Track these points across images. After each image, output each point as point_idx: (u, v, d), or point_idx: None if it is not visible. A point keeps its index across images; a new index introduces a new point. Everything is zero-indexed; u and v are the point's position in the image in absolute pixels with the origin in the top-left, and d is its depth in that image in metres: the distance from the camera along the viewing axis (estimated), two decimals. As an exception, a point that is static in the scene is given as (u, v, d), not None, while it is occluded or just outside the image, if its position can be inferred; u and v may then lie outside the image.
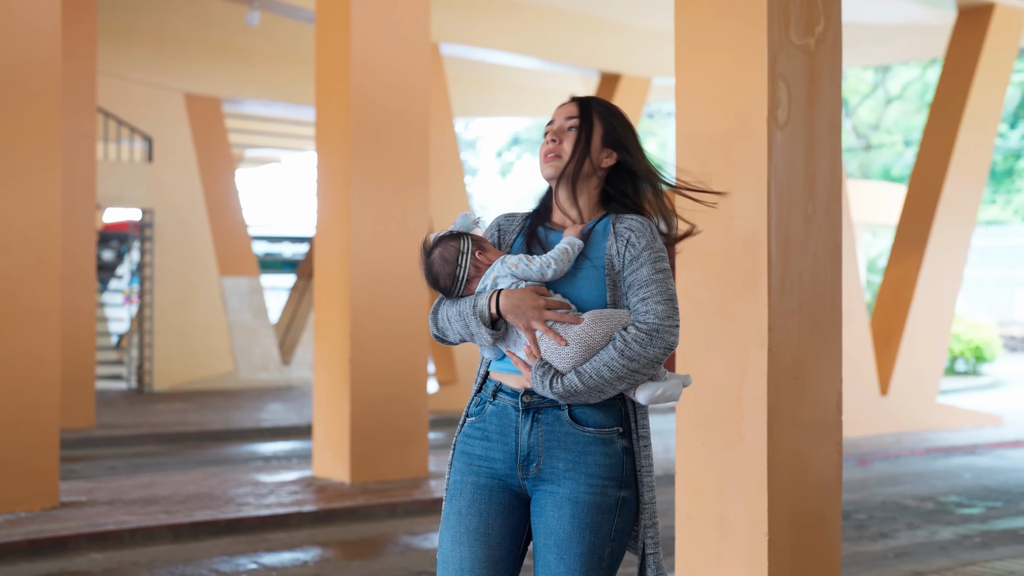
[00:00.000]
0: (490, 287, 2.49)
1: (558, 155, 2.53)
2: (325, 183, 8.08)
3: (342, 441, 7.77)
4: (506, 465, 2.49)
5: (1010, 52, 11.56)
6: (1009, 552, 6.11)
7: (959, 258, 11.53)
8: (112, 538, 6.23)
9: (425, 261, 2.56)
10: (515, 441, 2.48)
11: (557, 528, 2.43)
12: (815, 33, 3.60)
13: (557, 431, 2.45)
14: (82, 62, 10.84)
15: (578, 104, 2.57)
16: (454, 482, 2.54)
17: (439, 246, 2.54)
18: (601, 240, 2.51)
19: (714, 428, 3.64)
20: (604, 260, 2.48)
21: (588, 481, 2.44)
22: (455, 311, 2.51)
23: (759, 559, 3.54)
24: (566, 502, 2.43)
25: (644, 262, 2.45)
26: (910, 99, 30.89)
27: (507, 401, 2.50)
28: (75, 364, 10.35)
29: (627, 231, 2.48)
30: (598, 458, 2.45)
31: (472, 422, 2.55)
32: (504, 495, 2.50)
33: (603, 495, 2.44)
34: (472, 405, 2.58)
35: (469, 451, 2.54)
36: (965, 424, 11.70)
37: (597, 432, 2.46)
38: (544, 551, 2.44)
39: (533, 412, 2.47)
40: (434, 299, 12.09)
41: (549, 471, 2.45)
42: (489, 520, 2.48)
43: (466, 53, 13.67)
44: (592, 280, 2.47)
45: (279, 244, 19.51)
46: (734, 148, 3.57)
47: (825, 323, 3.68)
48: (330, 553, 6.22)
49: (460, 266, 2.51)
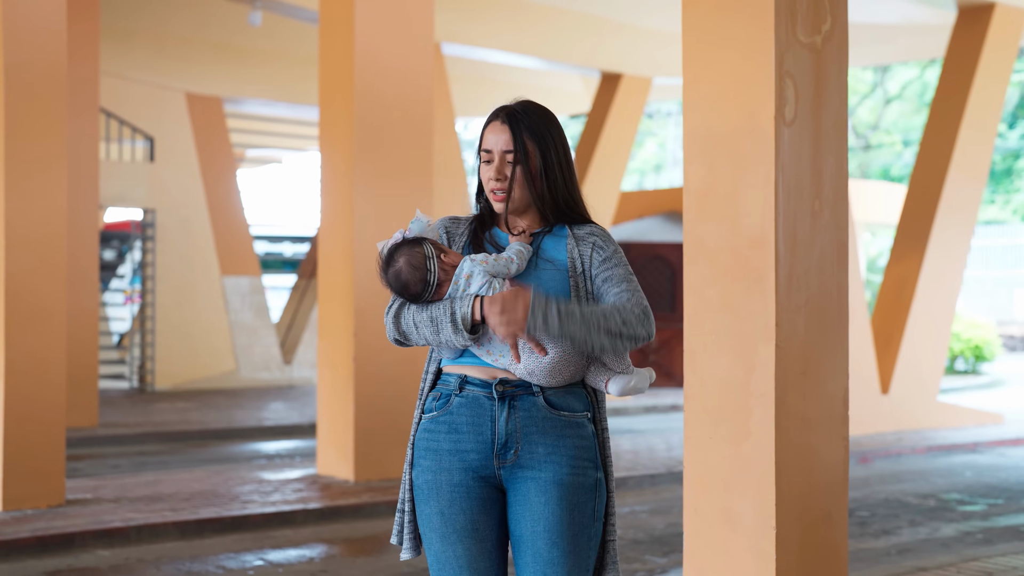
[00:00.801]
0: (463, 290, 2.49)
1: (505, 192, 2.56)
2: (329, 182, 8.11)
3: (346, 439, 7.80)
4: (480, 456, 2.49)
5: (1010, 52, 11.60)
6: (1011, 548, 6.15)
7: (959, 257, 11.56)
8: (119, 535, 6.26)
9: (389, 270, 2.52)
10: (491, 430, 2.48)
11: (546, 512, 2.45)
12: (822, 31, 3.64)
13: (534, 416, 2.48)
14: (85, 62, 10.87)
15: (510, 131, 2.55)
16: (425, 482, 2.53)
17: (402, 253, 2.51)
18: (558, 244, 2.58)
19: (722, 423, 3.67)
20: (567, 263, 2.55)
21: (569, 463, 2.48)
22: (425, 317, 2.49)
23: (767, 553, 3.57)
24: (551, 485, 2.46)
25: (617, 263, 2.56)
26: (909, 99, 30.94)
27: (478, 392, 2.50)
28: (78, 363, 10.38)
29: (591, 236, 2.58)
30: (575, 440, 2.51)
31: (434, 416, 2.54)
32: (481, 489, 2.50)
33: (584, 475, 2.50)
34: (430, 400, 2.57)
35: (435, 447, 2.52)
36: (966, 422, 11.73)
37: (571, 416, 2.52)
38: (533, 538, 2.45)
39: (509, 399, 2.49)
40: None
41: (528, 457, 2.48)
42: (475, 516, 2.49)
43: (467, 53, 13.71)
44: (556, 281, 2.54)
45: (280, 244, 19.54)
46: (741, 146, 3.60)
47: (832, 319, 3.71)
48: (336, 550, 6.25)
49: (430, 271, 2.49)
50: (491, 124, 2.57)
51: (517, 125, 2.55)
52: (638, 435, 10.62)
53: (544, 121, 2.58)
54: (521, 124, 2.55)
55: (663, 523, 6.88)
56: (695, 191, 3.73)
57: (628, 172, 34.36)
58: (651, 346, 14.41)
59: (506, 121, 2.56)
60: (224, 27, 13.10)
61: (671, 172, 34.68)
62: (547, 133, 2.57)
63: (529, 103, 2.61)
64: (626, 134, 14.76)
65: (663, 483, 8.30)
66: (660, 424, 11.83)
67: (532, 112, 2.59)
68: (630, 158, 24.30)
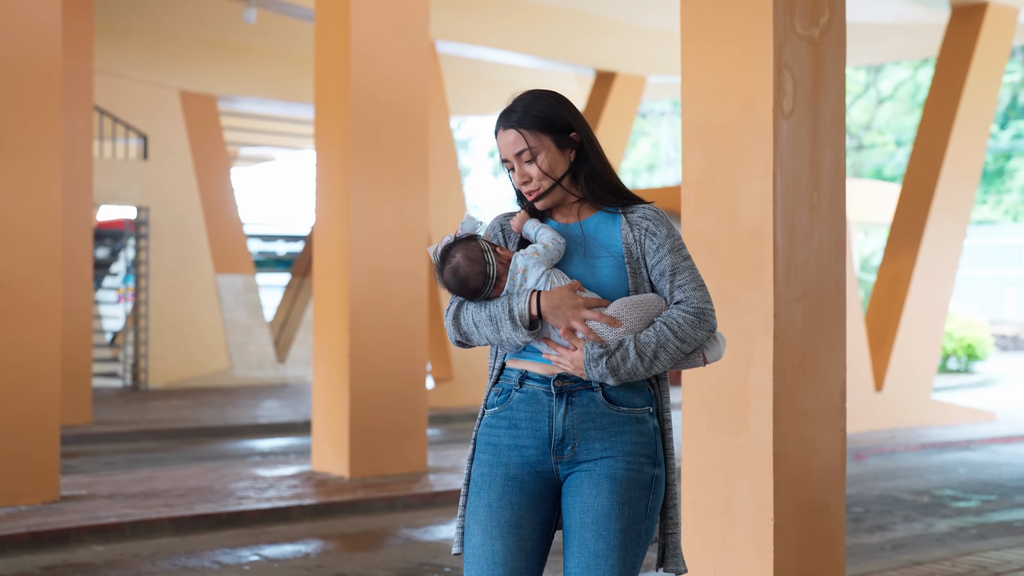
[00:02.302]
0: (520, 286, 2.47)
1: (537, 190, 2.53)
2: (324, 179, 8.10)
3: (341, 435, 7.79)
4: (538, 451, 2.47)
5: (1003, 51, 11.63)
6: (1005, 543, 6.17)
7: (953, 256, 11.59)
8: (114, 531, 6.25)
9: (446, 267, 2.49)
10: (548, 426, 2.46)
11: (595, 505, 2.43)
12: (820, 24, 3.65)
13: (592, 412, 2.46)
14: (79, 60, 10.85)
15: (515, 132, 2.51)
16: (480, 475, 2.51)
17: (458, 250, 2.49)
18: (611, 229, 2.53)
19: (720, 415, 3.68)
20: (621, 248, 2.50)
21: (625, 458, 2.45)
22: (484, 315, 2.47)
23: (765, 544, 3.58)
24: (604, 479, 2.44)
25: (669, 250, 2.49)
26: (902, 99, 31.02)
27: (537, 387, 2.48)
28: (72, 361, 10.35)
29: (643, 220, 2.52)
30: (633, 436, 2.47)
31: (495, 412, 2.53)
32: (535, 485, 2.48)
33: (639, 472, 2.46)
34: (492, 395, 2.55)
35: (495, 442, 2.51)
36: (959, 420, 11.76)
37: (631, 412, 2.48)
38: (580, 529, 2.43)
39: (567, 395, 2.46)
40: (437, 299, 12.12)
41: (585, 452, 2.46)
42: (520, 512, 2.47)
43: (462, 51, 13.71)
44: (612, 268, 2.49)
45: (274, 242, 19.52)
46: (740, 138, 3.61)
47: (829, 311, 3.72)
48: (331, 545, 6.25)
49: (489, 263, 2.47)
50: (498, 133, 2.56)
51: (519, 124, 2.52)
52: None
53: (550, 108, 2.53)
54: (523, 121, 2.52)
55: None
56: (694, 183, 3.74)
57: (621, 172, 34.38)
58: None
59: (507, 125, 2.53)
60: (218, 25, 13.09)
61: (664, 172, 34.72)
62: (555, 119, 2.52)
63: (530, 94, 2.57)
64: (620, 132, 14.77)
65: (658, 480, 8.31)
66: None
67: (534, 103, 2.53)
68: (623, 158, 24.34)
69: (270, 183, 35.32)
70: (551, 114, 2.52)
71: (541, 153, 2.51)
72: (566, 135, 2.52)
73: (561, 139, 2.52)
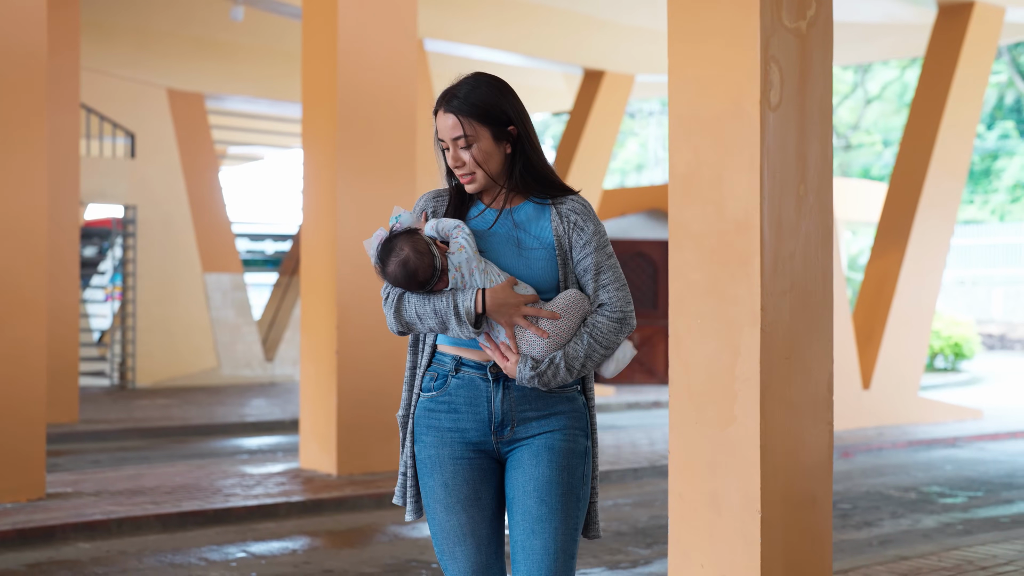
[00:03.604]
0: (461, 282, 2.52)
1: (472, 173, 2.58)
2: (312, 176, 8.09)
3: (329, 433, 7.78)
4: (479, 433, 2.59)
5: (989, 49, 11.66)
6: (991, 538, 6.19)
7: (940, 254, 11.63)
8: (100, 528, 6.22)
9: (394, 259, 2.52)
10: (488, 410, 2.58)
11: (536, 473, 2.56)
12: (807, 16, 3.65)
13: (528, 395, 2.58)
14: (65, 58, 10.81)
15: (454, 117, 2.56)
16: (428, 456, 2.62)
17: (405, 242, 2.52)
18: (541, 219, 2.60)
19: (707, 408, 3.68)
20: (552, 240, 2.59)
21: (561, 432, 2.59)
22: (429, 309, 2.53)
23: (752, 537, 3.58)
24: (543, 450, 2.57)
25: (595, 247, 2.57)
26: (889, 99, 31.10)
27: (474, 374, 2.58)
28: (58, 359, 10.31)
29: (572, 213, 2.59)
30: (567, 412, 2.61)
31: (432, 396, 2.62)
32: (481, 460, 2.61)
33: (575, 442, 2.60)
34: (427, 380, 2.63)
35: (437, 425, 2.61)
36: (946, 418, 11.80)
37: (563, 392, 2.61)
38: (524, 497, 2.55)
39: (503, 381, 2.58)
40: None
41: (524, 431, 2.58)
42: (477, 486, 2.60)
43: (450, 49, 13.70)
44: (544, 260, 2.58)
45: (262, 241, 19.47)
46: (727, 130, 3.61)
47: (816, 303, 3.72)
48: (319, 542, 6.23)
49: (436, 256, 2.52)
50: (438, 113, 2.59)
51: (458, 110, 2.55)
52: (620, 431, 10.63)
53: (491, 98, 2.57)
54: (462, 108, 2.55)
55: (646, 515, 6.89)
56: (681, 175, 3.74)
57: (610, 172, 34.41)
58: (634, 340, 14.40)
59: (447, 109, 2.57)
60: (206, 23, 13.05)
61: (653, 172, 34.74)
62: (494, 110, 2.57)
63: (474, 79, 2.60)
64: (608, 131, 14.77)
65: (646, 476, 8.32)
66: (642, 420, 11.85)
67: (476, 90, 2.57)
68: (612, 158, 24.33)
69: (258, 182, 35.25)
70: (491, 104, 2.57)
71: (477, 142, 2.56)
72: (504, 127, 2.58)
73: (498, 131, 2.58)
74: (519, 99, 2.63)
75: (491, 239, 2.58)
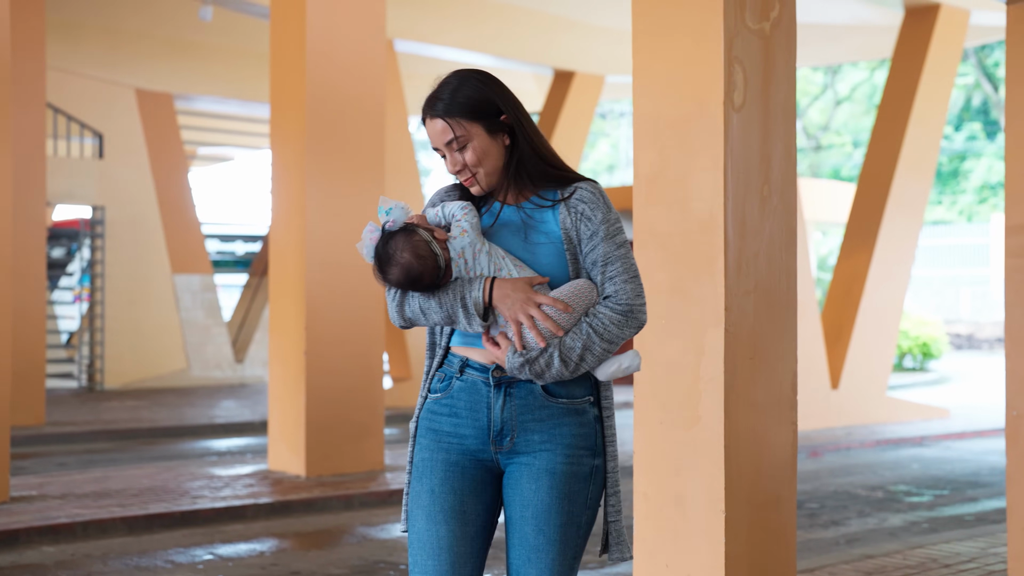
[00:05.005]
0: (467, 271, 2.40)
1: (474, 176, 2.45)
2: (280, 177, 8.05)
3: (297, 434, 7.74)
4: (478, 441, 2.44)
5: (955, 51, 11.77)
6: (955, 536, 6.24)
7: (908, 254, 11.72)
8: (64, 531, 6.17)
9: (394, 266, 2.38)
10: (487, 417, 2.43)
11: (535, 500, 2.41)
12: (770, 18, 3.67)
13: (530, 404, 2.42)
14: (30, 57, 10.71)
15: (441, 120, 2.43)
16: (421, 459, 2.47)
17: (403, 246, 2.37)
18: (549, 212, 2.45)
19: (671, 408, 3.69)
20: (560, 234, 2.43)
21: (564, 452, 2.42)
22: (434, 303, 2.40)
23: (716, 537, 3.59)
24: (543, 473, 2.42)
25: (604, 237, 2.41)
26: (859, 101, 31.32)
27: (476, 376, 2.44)
28: (25, 362, 10.22)
29: (579, 203, 2.43)
30: (573, 428, 2.44)
31: (437, 398, 2.48)
32: (476, 471, 2.45)
33: (579, 464, 2.43)
34: (435, 381, 2.50)
35: (436, 428, 2.47)
36: (913, 417, 11.89)
37: (570, 403, 2.44)
38: (521, 523, 2.42)
39: (505, 387, 2.42)
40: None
41: (524, 444, 2.43)
42: (464, 497, 2.44)
43: (420, 50, 13.68)
44: (552, 255, 2.43)
45: (232, 242, 19.36)
46: (691, 131, 3.62)
47: (780, 303, 3.74)
48: (287, 544, 6.21)
49: (438, 255, 2.38)
50: (425, 122, 2.47)
51: (445, 112, 2.42)
52: (591, 431, 10.63)
53: (476, 92, 2.44)
54: (449, 110, 2.42)
55: (615, 515, 6.90)
56: (645, 176, 3.75)
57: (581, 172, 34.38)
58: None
59: (433, 115, 2.44)
60: (174, 22, 12.97)
61: (624, 172, 34.83)
62: (483, 104, 2.43)
63: (456, 78, 2.46)
64: (579, 132, 14.79)
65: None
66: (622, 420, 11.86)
67: (459, 89, 2.44)
68: (583, 159, 24.36)
69: (228, 183, 35.07)
70: (478, 99, 2.43)
71: (471, 141, 2.43)
72: (496, 119, 2.44)
73: (491, 124, 2.43)
74: (505, 87, 2.48)
75: (498, 232, 2.46)
